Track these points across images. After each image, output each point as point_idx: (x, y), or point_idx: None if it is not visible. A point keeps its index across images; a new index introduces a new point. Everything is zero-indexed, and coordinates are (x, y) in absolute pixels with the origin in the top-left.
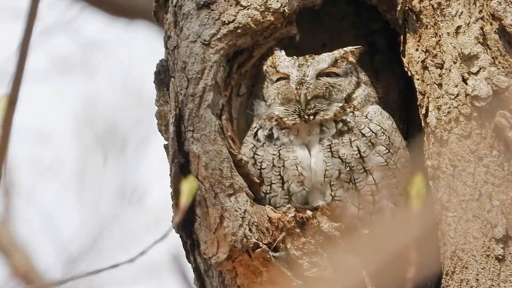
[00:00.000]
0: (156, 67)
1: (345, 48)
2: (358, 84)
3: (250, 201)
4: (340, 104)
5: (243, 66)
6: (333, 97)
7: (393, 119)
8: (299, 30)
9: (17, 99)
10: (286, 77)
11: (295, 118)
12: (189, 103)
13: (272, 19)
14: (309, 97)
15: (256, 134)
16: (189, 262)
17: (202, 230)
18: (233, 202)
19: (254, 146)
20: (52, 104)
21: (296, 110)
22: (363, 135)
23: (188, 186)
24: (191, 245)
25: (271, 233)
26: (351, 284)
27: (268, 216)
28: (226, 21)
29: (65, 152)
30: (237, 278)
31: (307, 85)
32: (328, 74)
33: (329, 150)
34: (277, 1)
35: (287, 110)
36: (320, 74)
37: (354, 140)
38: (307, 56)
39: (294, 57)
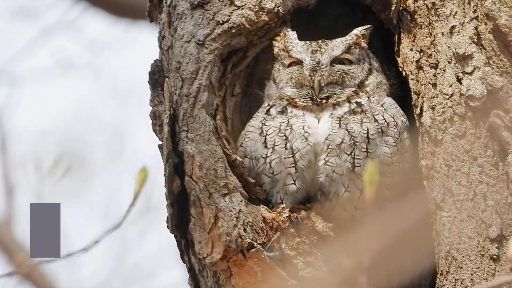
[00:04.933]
0: (151, 67)
1: (356, 32)
2: (370, 71)
3: (245, 201)
4: (354, 89)
5: (237, 66)
6: (346, 83)
7: None
8: (293, 29)
9: None
10: (299, 62)
11: (307, 101)
12: (184, 103)
13: (267, 19)
14: (323, 84)
15: (268, 110)
16: (184, 262)
17: (196, 230)
18: (227, 202)
19: (264, 118)
20: (55, 103)
21: (308, 94)
22: (376, 120)
23: (141, 175)
24: (186, 245)
25: (265, 233)
26: (345, 283)
27: (262, 216)
28: (221, 21)
29: (68, 152)
30: (232, 278)
31: (322, 72)
32: (341, 61)
33: (338, 122)
34: (272, 1)
35: (299, 92)
36: (333, 61)
37: (365, 122)
38: (319, 41)
39: (307, 42)
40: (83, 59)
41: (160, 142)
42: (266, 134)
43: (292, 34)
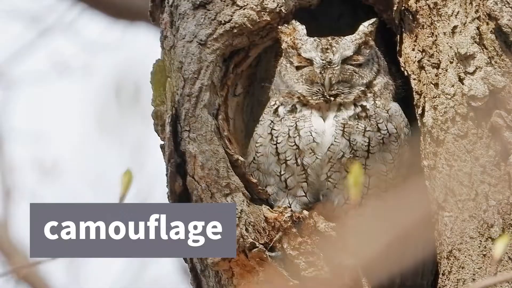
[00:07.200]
0: (153, 67)
1: (363, 29)
2: (378, 72)
3: (247, 201)
4: (362, 88)
5: (239, 66)
6: (354, 81)
7: None
8: None
9: None
10: (308, 64)
11: (319, 98)
12: (186, 103)
13: (269, 19)
14: (333, 82)
15: (276, 110)
16: (186, 262)
17: None
18: (229, 202)
19: (272, 122)
20: (53, 105)
21: (319, 90)
22: (379, 129)
23: (126, 177)
24: None
25: (267, 233)
26: (347, 283)
27: (264, 216)
28: (223, 21)
29: (66, 153)
30: (234, 278)
31: (333, 70)
32: (352, 61)
33: (341, 129)
34: (274, 1)
35: (310, 89)
36: (344, 60)
37: (368, 131)
38: (329, 38)
39: (316, 38)
40: (80, 60)
41: (162, 142)
42: (277, 143)
43: (301, 29)
